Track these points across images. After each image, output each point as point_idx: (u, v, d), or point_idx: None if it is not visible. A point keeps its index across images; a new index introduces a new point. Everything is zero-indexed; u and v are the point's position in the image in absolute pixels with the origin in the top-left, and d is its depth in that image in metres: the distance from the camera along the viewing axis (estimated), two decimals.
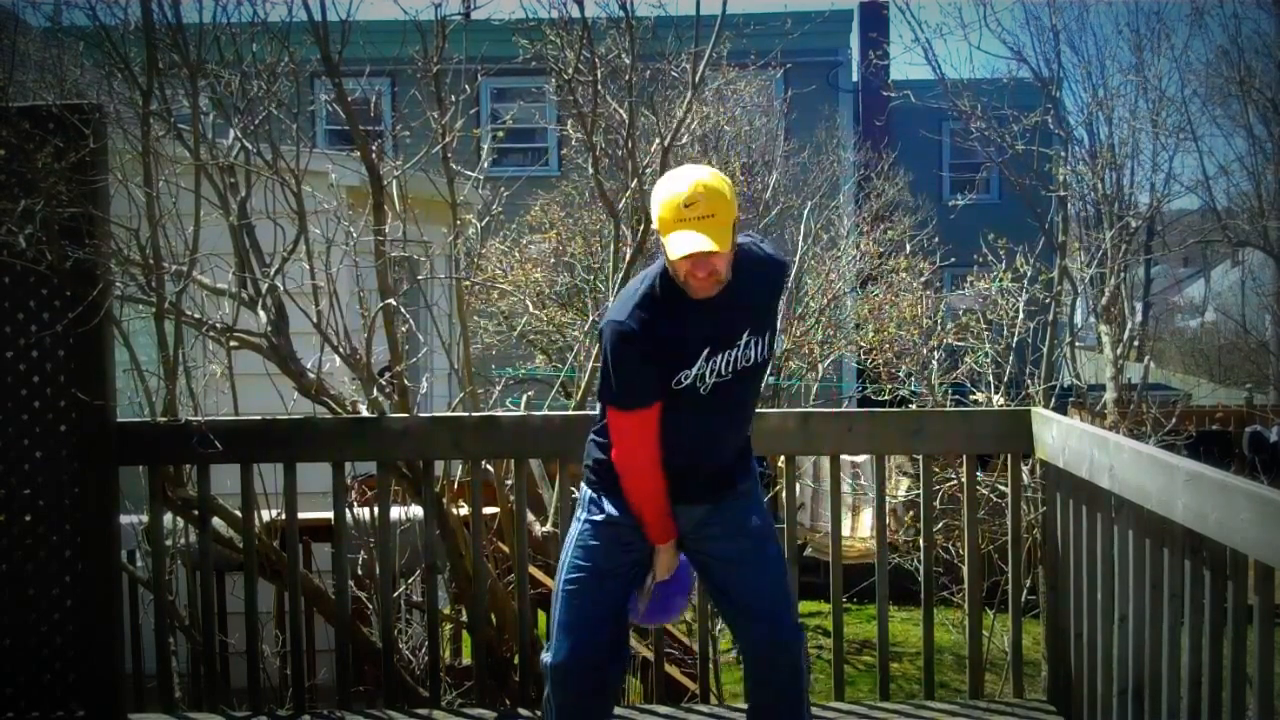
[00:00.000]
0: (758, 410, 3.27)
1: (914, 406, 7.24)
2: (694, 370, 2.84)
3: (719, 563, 3.08)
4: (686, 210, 2.70)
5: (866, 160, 12.67)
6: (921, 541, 4.01)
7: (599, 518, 3.03)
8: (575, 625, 3.03)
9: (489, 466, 4.39)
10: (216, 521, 4.04)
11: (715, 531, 3.04)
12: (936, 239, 10.91)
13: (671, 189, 2.76)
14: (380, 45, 4.61)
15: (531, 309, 8.82)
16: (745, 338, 2.87)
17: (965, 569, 4.18)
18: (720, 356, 2.85)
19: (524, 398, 5.76)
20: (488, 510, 4.35)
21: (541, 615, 5.30)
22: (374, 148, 4.19)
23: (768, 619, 3.05)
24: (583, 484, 3.13)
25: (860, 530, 8.18)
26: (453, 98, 4.50)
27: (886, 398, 8.37)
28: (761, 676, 3.12)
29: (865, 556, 7.66)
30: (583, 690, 3.05)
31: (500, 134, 5.67)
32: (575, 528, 3.10)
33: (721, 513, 3.04)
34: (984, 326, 7.16)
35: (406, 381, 4.24)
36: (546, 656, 3.09)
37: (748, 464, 3.15)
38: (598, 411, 3.06)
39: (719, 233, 2.70)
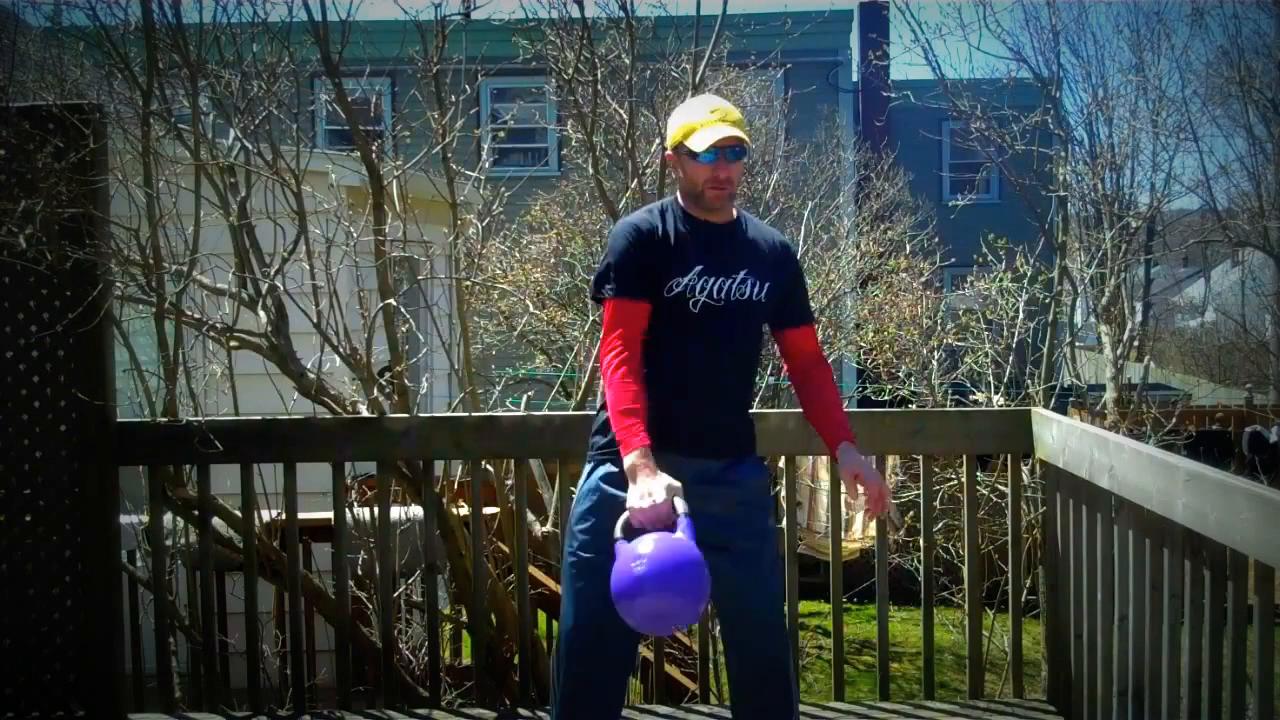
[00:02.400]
0: (758, 410, 3.25)
1: (914, 406, 7.24)
2: (686, 280, 2.88)
3: (715, 551, 2.88)
4: (711, 114, 2.89)
5: (866, 160, 12.67)
6: (921, 541, 4.01)
7: (603, 487, 2.93)
8: (586, 595, 2.92)
9: (489, 466, 4.39)
10: (216, 521, 4.04)
11: (715, 507, 2.89)
12: (936, 239, 10.92)
13: (694, 102, 3.00)
14: (380, 45, 4.62)
15: (531, 309, 8.81)
16: (744, 274, 2.93)
17: (965, 569, 4.18)
18: (714, 279, 2.90)
19: (524, 398, 5.76)
20: (488, 510, 4.36)
21: (542, 615, 5.30)
22: (374, 148, 4.19)
23: (756, 613, 3.00)
24: (587, 461, 3.03)
25: (852, 530, 8.18)
26: (453, 98, 4.51)
27: (886, 398, 8.38)
28: (746, 673, 3.06)
29: (852, 555, 7.68)
30: (598, 678, 2.99)
31: (500, 134, 5.68)
32: (577, 508, 2.99)
33: (726, 498, 2.93)
34: (984, 326, 7.17)
35: (406, 381, 4.24)
36: (560, 644, 3.03)
37: (749, 441, 3.05)
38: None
39: (744, 138, 2.88)
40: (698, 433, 2.92)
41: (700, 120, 2.88)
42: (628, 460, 2.74)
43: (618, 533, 2.71)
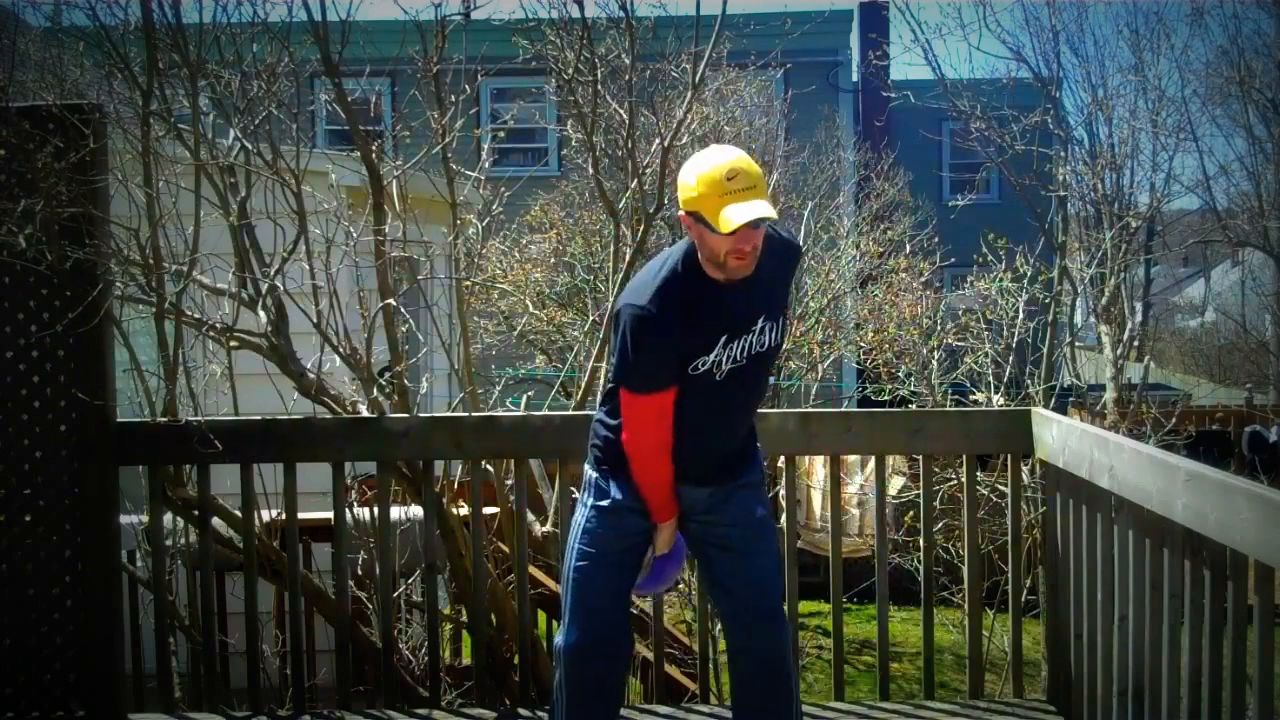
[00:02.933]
0: (758, 411, 3.26)
1: (914, 406, 7.24)
2: (711, 357, 2.83)
3: (718, 549, 3.07)
4: (730, 183, 2.68)
5: (866, 160, 12.67)
6: (921, 541, 4.01)
7: (604, 503, 3.01)
8: (587, 609, 3.02)
9: (489, 466, 4.39)
10: (216, 521, 4.04)
11: (721, 518, 3.04)
12: (936, 239, 10.92)
13: (711, 162, 2.73)
14: (380, 45, 4.61)
15: (531, 309, 8.82)
16: (761, 323, 2.88)
17: (965, 569, 4.18)
18: (737, 343, 2.85)
19: (524, 398, 5.76)
20: (488, 510, 4.35)
21: (541, 615, 5.30)
22: (374, 148, 4.19)
23: (756, 611, 3.05)
24: (586, 466, 3.10)
25: (849, 528, 8.19)
26: (453, 98, 4.50)
27: (886, 398, 8.38)
28: (747, 671, 3.10)
29: (853, 551, 7.68)
30: (598, 671, 3.04)
31: (500, 134, 5.67)
32: (580, 513, 3.07)
33: (729, 502, 3.03)
34: (984, 326, 7.16)
35: (406, 381, 4.24)
36: (559, 640, 3.08)
37: (753, 451, 3.13)
38: (600, 398, 3.07)
39: (767, 201, 2.73)
40: (712, 467, 3.02)
41: (721, 193, 2.68)
42: (665, 525, 3.02)
43: (648, 556, 3.10)
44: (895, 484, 7.75)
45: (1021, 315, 6.92)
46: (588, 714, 3.06)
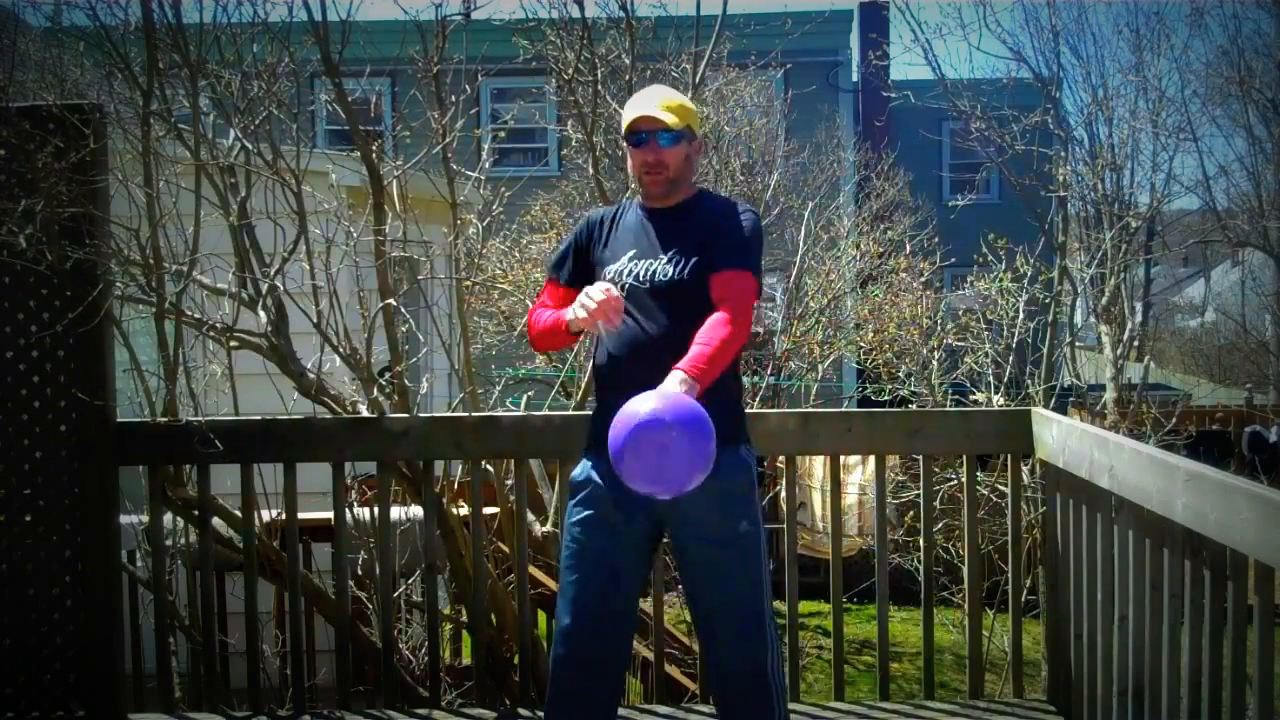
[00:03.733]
0: (757, 410, 3.25)
1: (914, 406, 7.24)
2: (615, 266, 3.00)
3: (696, 566, 2.98)
4: (643, 97, 3.04)
5: (866, 160, 12.68)
6: (921, 541, 4.01)
7: (574, 478, 3.03)
8: (567, 610, 2.97)
9: (489, 466, 4.39)
10: (216, 521, 4.04)
11: (703, 531, 2.92)
12: (936, 239, 10.92)
13: (638, 93, 3.12)
14: (380, 45, 4.61)
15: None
16: (670, 254, 2.95)
17: (965, 569, 4.18)
18: (641, 261, 2.98)
19: (524, 398, 5.76)
20: (488, 510, 4.35)
21: (542, 615, 5.30)
22: (374, 148, 4.19)
23: (738, 635, 2.96)
24: None
25: (848, 527, 8.18)
26: (453, 98, 4.50)
27: (886, 398, 8.38)
28: (721, 686, 3.04)
29: (849, 550, 7.67)
30: (572, 682, 2.98)
31: (500, 134, 5.67)
32: (569, 501, 3.06)
33: (713, 510, 2.91)
34: (984, 326, 7.16)
35: (406, 381, 4.24)
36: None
37: (725, 426, 2.82)
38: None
39: (673, 116, 2.93)
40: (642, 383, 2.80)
41: (629, 106, 3.01)
42: (567, 314, 2.93)
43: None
44: (892, 482, 7.75)
45: (1021, 315, 6.92)
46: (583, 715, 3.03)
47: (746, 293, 2.88)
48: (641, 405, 2.57)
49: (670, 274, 2.92)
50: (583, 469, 3.03)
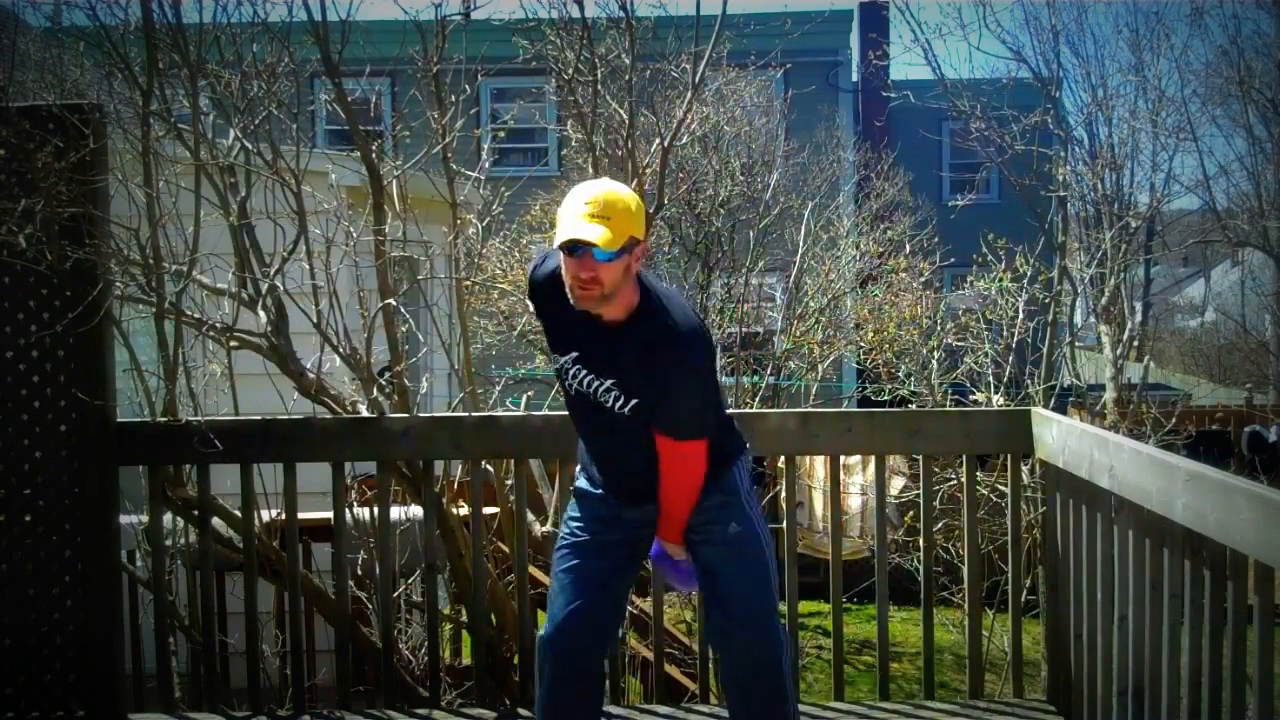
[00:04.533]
0: (758, 410, 3.26)
1: (914, 406, 7.24)
2: (562, 360, 2.91)
3: (701, 570, 3.09)
4: (584, 206, 2.69)
5: (866, 160, 12.67)
6: (921, 541, 4.01)
7: (576, 485, 3.14)
8: (557, 598, 3.05)
9: (489, 466, 4.39)
10: (216, 521, 4.04)
11: (695, 537, 3.04)
12: (936, 239, 10.92)
13: (575, 191, 2.77)
14: (380, 45, 4.61)
15: (531, 309, 8.80)
16: (609, 383, 2.83)
17: (965, 569, 4.18)
18: (585, 373, 2.86)
19: (524, 398, 5.77)
20: (488, 510, 4.35)
21: (541, 615, 5.30)
22: (374, 148, 4.19)
23: (736, 628, 3.02)
24: None
25: (849, 529, 8.18)
26: (453, 98, 4.50)
27: (886, 398, 8.38)
28: (731, 685, 3.09)
29: (853, 554, 7.67)
30: (566, 664, 3.04)
31: (500, 134, 5.67)
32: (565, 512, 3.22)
33: (699, 518, 3.01)
34: (984, 326, 7.16)
35: (406, 381, 4.24)
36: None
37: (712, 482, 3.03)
38: None
39: (609, 234, 2.65)
40: (626, 490, 3.02)
41: (569, 214, 2.69)
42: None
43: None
44: (895, 484, 7.75)
45: (1021, 315, 6.92)
46: (561, 706, 3.06)
47: (692, 458, 2.90)
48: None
49: (610, 404, 2.84)
50: (582, 482, 3.13)
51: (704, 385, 2.88)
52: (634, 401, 2.81)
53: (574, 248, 2.68)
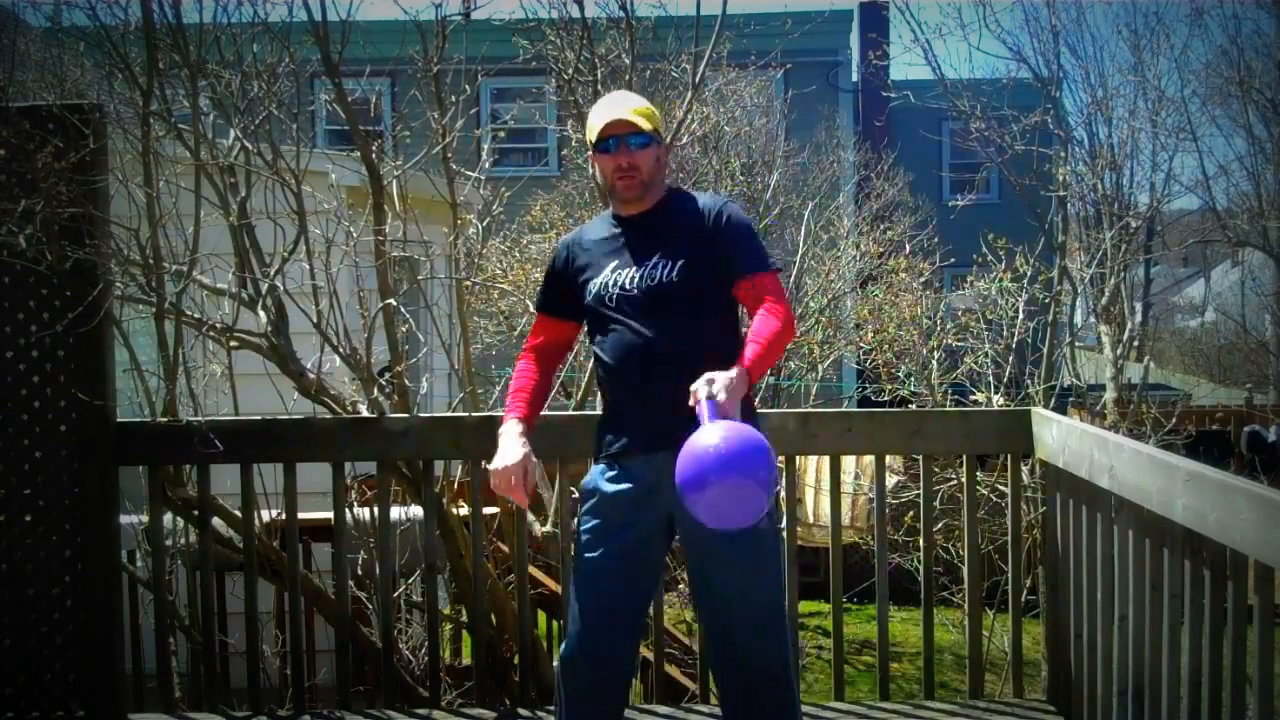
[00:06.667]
0: (758, 411, 3.24)
1: (914, 406, 7.23)
2: (600, 279, 2.97)
3: (710, 562, 2.96)
4: (608, 106, 2.98)
5: (866, 160, 12.68)
6: (921, 541, 4.01)
7: (585, 485, 3.02)
8: (577, 618, 2.98)
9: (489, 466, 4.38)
10: (216, 521, 4.04)
11: (706, 533, 2.85)
12: (936, 239, 10.92)
13: (599, 102, 3.06)
14: (380, 45, 4.61)
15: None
16: (655, 258, 2.93)
17: (965, 569, 4.18)
18: (626, 270, 2.95)
19: None
20: (488, 510, 4.36)
21: (541, 615, 5.31)
22: (374, 148, 4.19)
23: (752, 634, 2.94)
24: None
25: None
26: (453, 98, 4.50)
27: (886, 398, 8.38)
28: (743, 698, 3.00)
29: (846, 542, 7.66)
30: (585, 680, 2.97)
31: (500, 134, 5.67)
32: (579, 509, 3.05)
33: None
34: (984, 326, 7.16)
35: (406, 381, 4.24)
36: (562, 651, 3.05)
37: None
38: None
39: (640, 117, 2.91)
40: (662, 422, 2.80)
41: (595, 115, 2.96)
42: (502, 429, 3.02)
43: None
44: (891, 482, 7.75)
45: (1021, 315, 6.92)
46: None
47: (779, 289, 2.95)
48: (715, 457, 2.55)
49: (658, 277, 2.90)
50: (591, 478, 3.00)
51: (754, 229, 3.06)
52: (681, 261, 2.90)
53: (609, 143, 2.91)
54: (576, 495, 3.31)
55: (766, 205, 9.72)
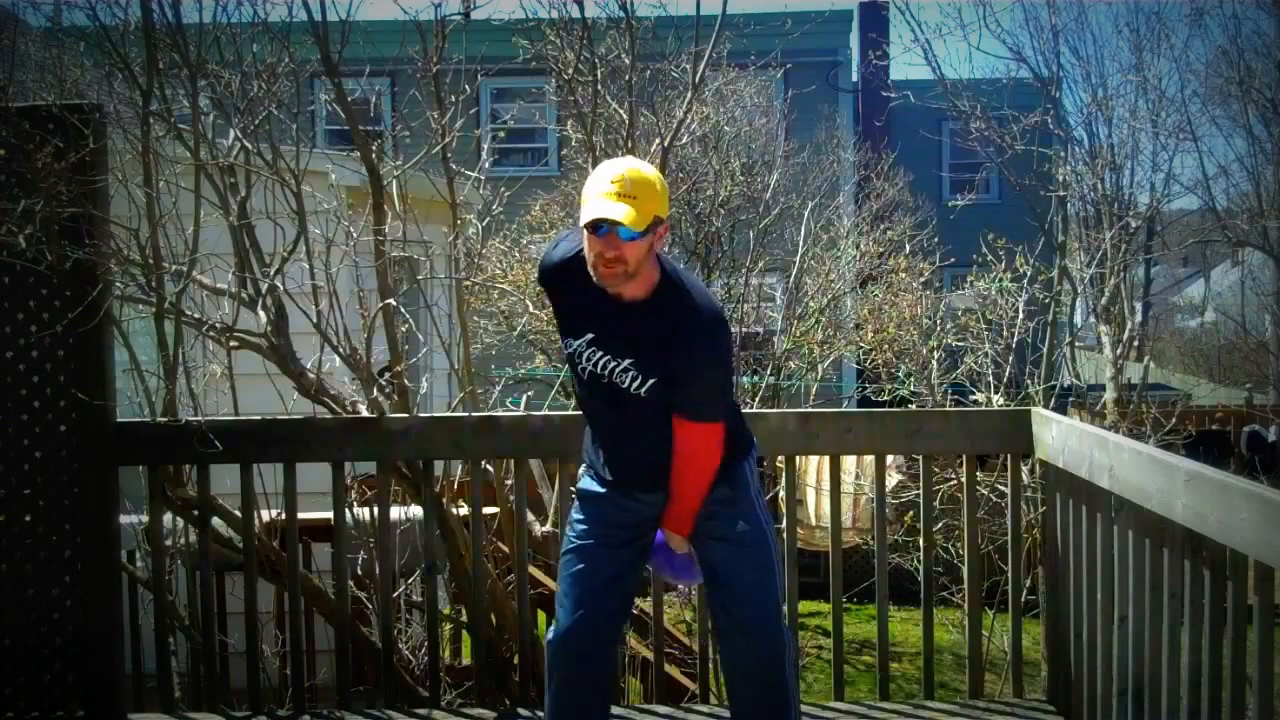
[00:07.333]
0: (758, 410, 3.26)
1: (914, 406, 7.23)
2: (575, 344, 2.88)
3: (706, 567, 3.08)
4: (609, 185, 2.71)
5: (866, 160, 12.67)
6: (921, 541, 4.01)
7: (579, 487, 3.12)
8: (565, 601, 3.04)
9: (489, 466, 4.39)
10: (216, 521, 4.04)
11: (699, 530, 3.03)
12: (936, 239, 10.92)
13: (601, 169, 2.80)
14: (380, 45, 4.61)
15: (531, 309, 8.81)
16: (627, 363, 2.82)
17: (965, 569, 4.18)
18: (601, 354, 2.84)
19: (524, 398, 5.76)
20: (488, 510, 4.35)
21: (541, 615, 5.30)
22: (374, 148, 4.19)
23: (738, 627, 3.02)
24: None
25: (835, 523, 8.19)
26: (453, 98, 4.50)
27: (886, 398, 8.38)
28: (734, 682, 3.08)
29: (848, 544, 7.66)
30: (572, 662, 3.04)
31: (500, 134, 5.67)
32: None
33: (708, 516, 3.00)
34: (984, 326, 7.16)
35: (406, 381, 4.24)
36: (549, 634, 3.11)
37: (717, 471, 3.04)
38: None
39: (635, 213, 2.67)
40: (639, 472, 2.99)
41: (595, 193, 2.72)
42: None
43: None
44: (891, 481, 7.74)
45: (1021, 315, 6.92)
46: (569, 707, 3.06)
47: (711, 443, 2.90)
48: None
49: (627, 384, 2.83)
50: (586, 483, 3.11)
51: (724, 368, 2.91)
52: (651, 381, 2.80)
53: (599, 226, 2.69)
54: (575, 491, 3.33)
55: (766, 205, 9.71)
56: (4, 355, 3.66)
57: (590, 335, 2.85)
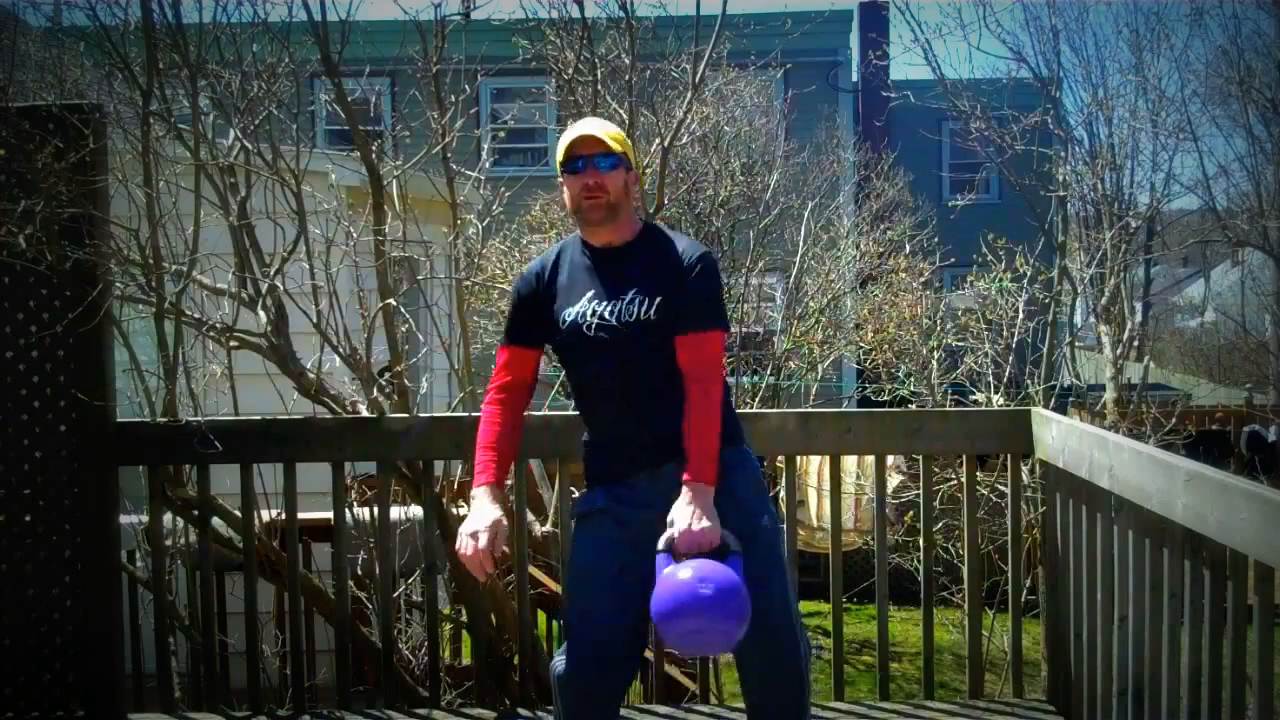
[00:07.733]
0: (758, 410, 3.25)
1: (914, 406, 7.23)
2: (577, 309, 2.92)
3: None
4: (578, 128, 2.92)
5: (866, 160, 12.67)
6: (921, 541, 4.01)
7: (583, 509, 3.03)
8: (574, 628, 2.98)
9: None
10: (216, 521, 4.04)
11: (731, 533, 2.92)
12: (936, 239, 10.92)
13: (570, 126, 2.99)
14: (380, 45, 4.62)
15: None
16: (632, 293, 2.89)
17: (965, 569, 4.18)
18: (605, 302, 2.90)
19: None
20: None
21: (541, 615, 5.30)
22: (374, 148, 4.19)
23: (761, 626, 2.89)
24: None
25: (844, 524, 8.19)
26: (453, 98, 4.50)
27: (886, 398, 8.38)
28: (751, 684, 3.04)
29: (846, 546, 7.65)
30: (582, 698, 2.95)
31: (500, 134, 5.67)
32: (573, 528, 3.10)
33: (730, 509, 2.90)
34: (984, 326, 7.16)
35: (406, 381, 4.24)
36: (557, 663, 3.01)
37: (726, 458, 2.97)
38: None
39: (607, 139, 2.86)
40: (644, 445, 2.92)
41: (564, 141, 2.90)
42: (473, 493, 2.92)
43: (661, 546, 2.79)
44: (893, 482, 7.74)
45: (1021, 315, 6.92)
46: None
47: (716, 357, 2.90)
48: (684, 604, 2.68)
49: (635, 313, 2.86)
50: (589, 500, 3.01)
51: (719, 284, 2.96)
52: (659, 299, 2.86)
53: (577, 164, 2.86)
54: (576, 495, 3.32)
55: (766, 205, 9.71)
56: (4, 355, 3.66)
57: (590, 293, 2.93)
